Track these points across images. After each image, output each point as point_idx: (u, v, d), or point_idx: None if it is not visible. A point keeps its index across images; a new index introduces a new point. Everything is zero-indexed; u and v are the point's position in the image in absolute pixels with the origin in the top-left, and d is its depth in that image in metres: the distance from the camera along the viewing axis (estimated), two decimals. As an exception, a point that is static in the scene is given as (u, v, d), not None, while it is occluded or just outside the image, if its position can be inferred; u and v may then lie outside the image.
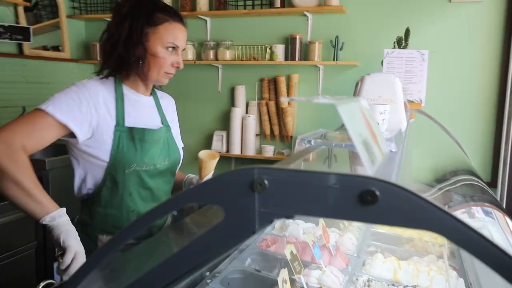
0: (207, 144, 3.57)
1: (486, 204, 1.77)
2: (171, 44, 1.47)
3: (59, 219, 1.27)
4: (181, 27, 1.52)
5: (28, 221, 2.47)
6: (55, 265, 1.27)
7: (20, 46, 3.33)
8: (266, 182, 0.58)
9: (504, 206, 2.87)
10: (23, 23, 3.30)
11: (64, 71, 3.76)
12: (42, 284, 1.07)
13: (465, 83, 2.99)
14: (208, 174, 1.70)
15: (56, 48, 3.72)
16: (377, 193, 0.54)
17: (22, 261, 2.45)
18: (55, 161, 2.75)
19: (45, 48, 3.63)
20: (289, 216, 0.60)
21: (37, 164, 2.66)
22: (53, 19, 3.69)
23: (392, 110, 1.18)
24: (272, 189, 0.58)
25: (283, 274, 1.24)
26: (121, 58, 1.46)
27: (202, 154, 1.71)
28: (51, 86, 3.60)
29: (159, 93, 1.69)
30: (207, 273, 1.49)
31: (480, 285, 1.46)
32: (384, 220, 0.55)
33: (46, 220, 1.25)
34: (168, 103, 1.73)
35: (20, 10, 3.30)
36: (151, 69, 1.48)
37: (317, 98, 0.65)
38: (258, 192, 0.59)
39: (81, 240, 1.40)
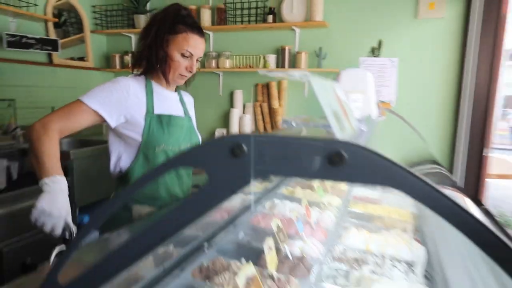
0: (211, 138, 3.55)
1: (449, 187, 1.77)
2: (187, 51, 1.49)
3: (51, 184, 1.28)
4: (198, 38, 1.53)
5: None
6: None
7: (50, 56, 3.30)
8: (245, 147, 0.56)
9: (463, 188, 2.86)
10: (52, 36, 3.27)
11: (88, 78, 3.73)
12: (55, 251, 1.04)
13: (429, 86, 2.98)
14: None
15: (81, 59, 3.70)
16: (345, 154, 0.51)
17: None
18: (79, 152, 2.72)
19: (72, 58, 3.61)
20: (266, 177, 0.57)
21: (63, 155, 2.63)
22: (79, 34, 3.66)
23: (365, 100, 1.15)
24: (251, 154, 0.56)
25: (269, 242, 1.22)
26: (148, 59, 1.51)
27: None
28: (77, 91, 3.53)
29: (182, 92, 1.74)
30: (205, 243, 1.46)
31: (437, 253, 1.44)
32: (352, 178, 0.52)
33: (40, 184, 1.29)
34: (189, 100, 1.78)
35: (50, 25, 3.28)
36: (169, 70, 1.52)
37: (292, 74, 0.62)
38: (237, 157, 0.56)
39: (117, 211, 1.44)
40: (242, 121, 3.42)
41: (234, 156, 0.55)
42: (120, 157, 1.54)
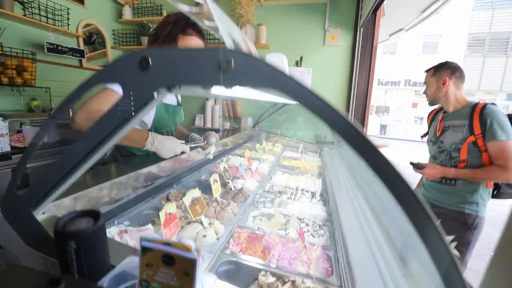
0: (193, 121, 3.30)
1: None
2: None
3: (153, 142, 1.09)
4: (202, 42, 1.24)
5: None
6: None
7: (80, 62, 2.91)
8: (150, 60, 0.38)
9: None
10: (82, 47, 2.88)
11: (109, 79, 3.35)
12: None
13: (331, 86, 2.89)
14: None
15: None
16: (232, 61, 0.35)
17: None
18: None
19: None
20: (171, 86, 0.41)
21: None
22: (104, 49, 3.27)
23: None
24: (156, 66, 0.38)
25: (214, 176, 1.05)
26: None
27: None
28: (99, 88, 3.20)
29: None
30: (174, 185, 1.28)
31: (330, 183, 1.35)
32: (239, 82, 0.36)
33: (147, 147, 1.09)
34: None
35: (80, 40, 2.89)
36: None
37: (203, 22, 0.44)
38: (144, 70, 0.38)
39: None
40: (214, 109, 3.20)
41: (142, 69, 0.38)
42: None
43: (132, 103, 0.39)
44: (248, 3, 2.84)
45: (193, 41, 1.21)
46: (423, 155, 1.75)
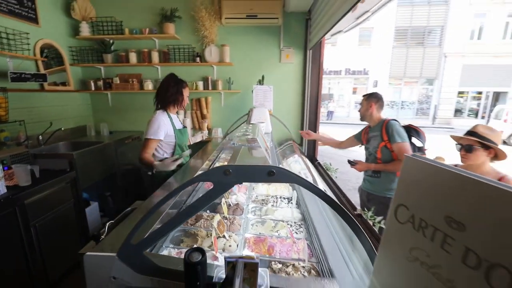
0: (165, 135, 3.49)
1: (299, 152, 2.15)
2: (189, 93, 2.09)
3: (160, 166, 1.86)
4: (187, 87, 2.06)
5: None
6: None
7: (41, 85, 2.85)
8: (231, 170, 0.76)
9: (306, 153, 3.38)
10: (42, 71, 2.83)
11: (70, 98, 3.30)
12: (107, 224, 1.09)
13: (288, 99, 3.35)
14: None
15: (63, 83, 3.23)
16: (274, 171, 0.75)
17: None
18: (78, 153, 2.50)
19: (55, 83, 3.13)
20: (240, 182, 0.79)
21: (67, 156, 2.41)
22: (58, 65, 3.19)
23: (266, 125, 1.40)
24: (234, 173, 0.76)
25: (223, 199, 1.42)
26: (169, 101, 1.96)
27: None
28: (64, 108, 3.17)
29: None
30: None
31: (302, 196, 1.80)
32: (278, 180, 0.76)
33: (155, 167, 1.86)
34: (181, 117, 2.14)
35: (39, 62, 2.82)
36: (184, 104, 2.02)
37: (264, 153, 0.82)
38: (227, 175, 0.76)
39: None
40: (185, 122, 3.43)
41: (225, 175, 0.75)
42: (165, 151, 1.97)
43: (219, 192, 0.77)
44: (211, 24, 3.11)
45: (187, 89, 2.05)
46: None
